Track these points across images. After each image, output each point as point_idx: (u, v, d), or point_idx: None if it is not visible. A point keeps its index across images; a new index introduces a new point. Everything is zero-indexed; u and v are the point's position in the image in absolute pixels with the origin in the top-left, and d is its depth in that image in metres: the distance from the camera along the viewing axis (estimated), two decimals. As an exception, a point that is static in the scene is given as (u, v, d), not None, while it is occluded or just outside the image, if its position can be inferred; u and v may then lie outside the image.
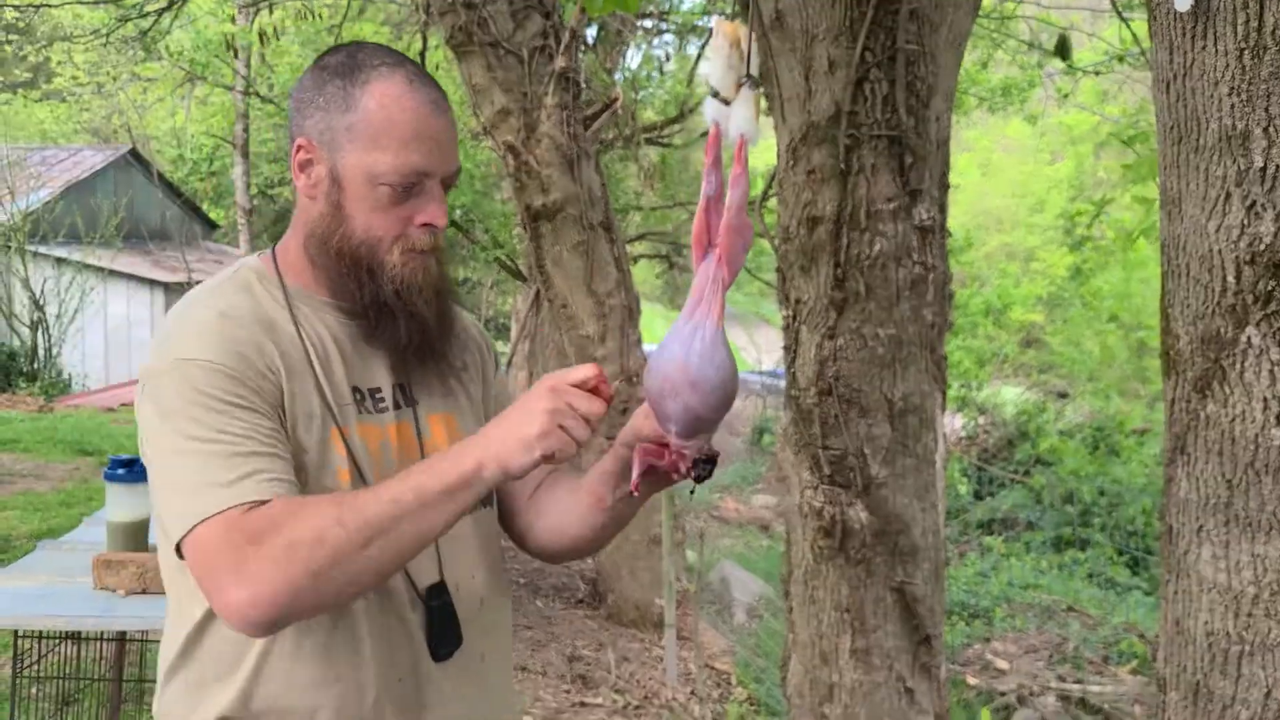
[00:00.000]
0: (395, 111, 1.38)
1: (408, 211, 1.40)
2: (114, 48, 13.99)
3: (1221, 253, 1.36)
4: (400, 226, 1.40)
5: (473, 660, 1.49)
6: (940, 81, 2.45)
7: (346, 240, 1.40)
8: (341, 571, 1.21)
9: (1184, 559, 1.48)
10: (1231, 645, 1.41)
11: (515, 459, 1.26)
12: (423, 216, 1.40)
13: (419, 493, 1.25)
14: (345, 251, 1.41)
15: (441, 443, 1.48)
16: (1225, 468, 1.40)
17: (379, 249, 1.40)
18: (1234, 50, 1.32)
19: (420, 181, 1.39)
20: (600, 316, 5.59)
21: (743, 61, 1.26)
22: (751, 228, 1.30)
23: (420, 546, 1.28)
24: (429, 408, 1.51)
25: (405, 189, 1.38)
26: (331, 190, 1.40)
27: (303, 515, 1.23)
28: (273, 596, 1.19)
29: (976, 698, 4.98)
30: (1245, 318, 1.35)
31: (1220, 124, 1.34)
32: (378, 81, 1.39)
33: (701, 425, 1.30)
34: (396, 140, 1.37)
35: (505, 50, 5.19)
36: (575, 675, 5.06)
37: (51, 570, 3.01)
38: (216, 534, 1.23)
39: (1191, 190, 1.40)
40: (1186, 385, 1.45)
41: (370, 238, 1.39)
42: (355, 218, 1.39)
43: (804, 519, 2.56)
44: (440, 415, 1.52)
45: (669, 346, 1.30)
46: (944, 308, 2.53)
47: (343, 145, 1.39)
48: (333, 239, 1.41)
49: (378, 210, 1.39)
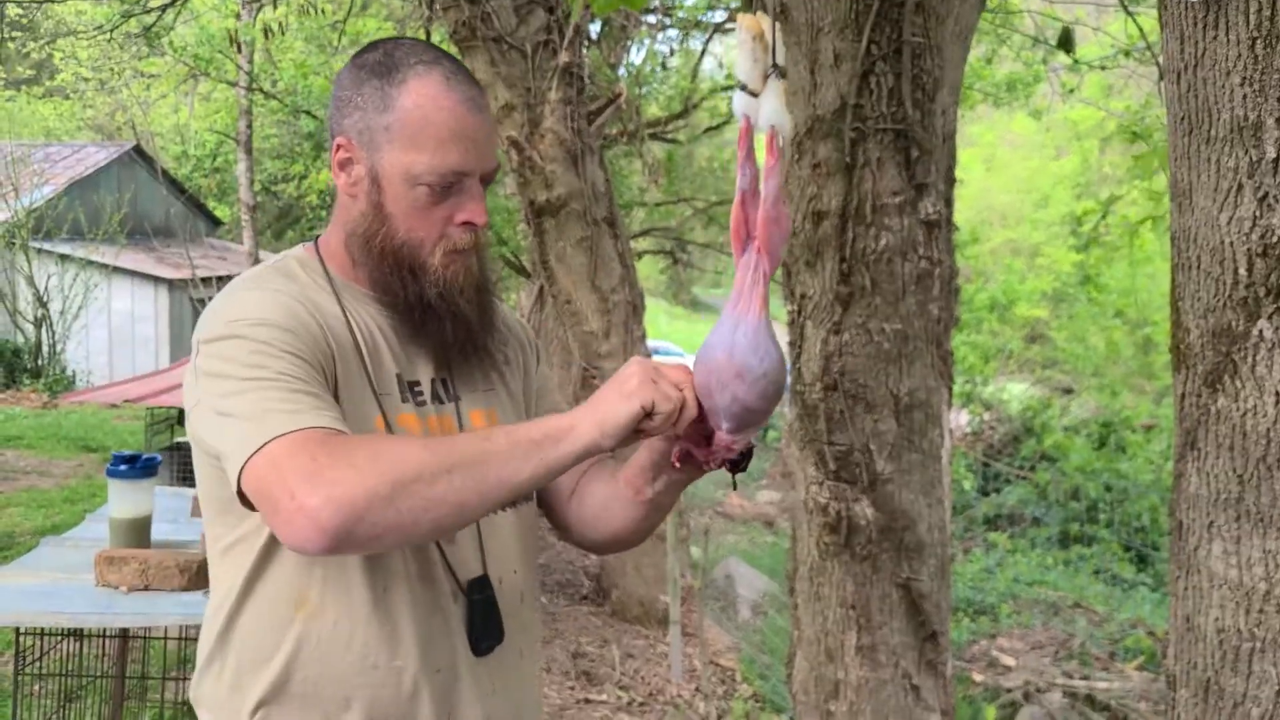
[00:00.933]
0: (432, 111, 1.38)
1: (447, 211, 1.40)
2: (117, 44, 14.00)
3: (1233, 245, 1.35)
4: (440, 227, 1.40)
5: (511, 656, 1.49)
6: (946, 75, 2.43)
7: (389, 240, 1.41)
8: (422, 493, 1.18)
9: (1194, 555, 1.46)
10: (1243, 642, 1.39)
11: (613, 412, 1.24)
12: (463, 215, 1.41)
13: (511, 436, 1.24)
14: (388, 251, 1.41)
15: None
16: (1236, 463, 1.38)
17: (421, 251, 1.40)
18: (1246, 40, 1.30)
19: (459, 180, 1.39)
20: (604, 312, 5.58)
21: (767, 53, 1.26)
22: (789, 218, 1.30)
23: (502, 494, 1.24)
24: (471, 402, 1.51)
25: (444, 189, 1.38)
26: (371, 190, 1.40)
27: (384, 439, 1.25)
28: (351, 501, 1.15)
29: (982, 694, 4.97)
30: (1257, 311, 1.33)
31: (1232, 114, 1.33)
32: (414, 80, 1.39)
33: (751, 417, 1.30)
34: (434, 140, 1.37)
35: (509, 45, 5.18)
36: (580, 672, 5.05)
37: (54, 567, 3.01)
38: (291, 447, 1.19)
39: (1202, 182, 1.38)
40: (1197, 379, 1.43)
41: (412, 239, 1.40)
42: (396, 218, 1.40)
43: (809, 515, 2.54)
44: (482, 410, 1.52)
45: (713, 342, 1.30)
46: (950, 302, 2.52)
47: (381, 145, 1.39)
48: (375, 239, 1.41)
49: (417, 210, 1.39)
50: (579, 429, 1.25)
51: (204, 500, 1.43)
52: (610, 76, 8.36)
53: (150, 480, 3.00)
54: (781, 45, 1.26)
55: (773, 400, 1.29)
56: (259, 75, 11.44)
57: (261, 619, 1.37)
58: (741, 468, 1.35)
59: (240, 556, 1.38)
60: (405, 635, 1.37)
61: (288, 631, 1.36)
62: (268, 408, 1.23)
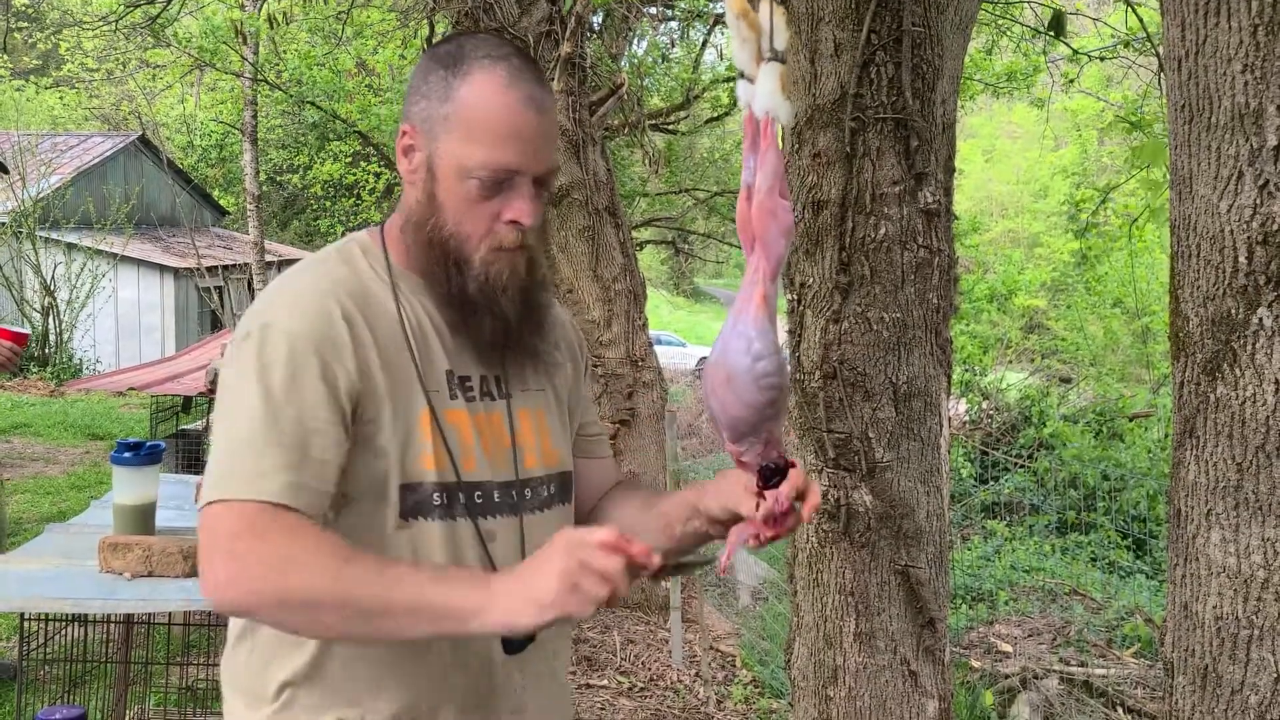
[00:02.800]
0: (489, 106, 1.38)
1: (496, 207, 1.39)
2: (122, 34, 13.97)
3: (1233, 233, 1.35)
4: (488, 223, 1.40)
5: (545, 655, 1.49)
6: (946, 65, 2.44)
7: (438, 230, 1.41)
8: (310, 616, 1.24)
9: (1192, 543, 1.47)
10: (1240, 629, 1.40)
11: (522, 619, 1.22)
12: (510, 213, 1.39)
13: (419, 595, 1.23)
14: (436, 241, 1.41)
15: (529, 437, 1.50)
16: (1235, 450, 1.39)
17: (467, 244, 1.40)
18: (1248, 27, 1.30)
19: (510, 178, 1.38)
20: (606, 301, 5.58)
21: (756, 34, 1.20)
22: (788, 209, 1.22)
23: (387, 640, 1.30)
24: (521, 400, 1.51)
25: (494, 184, 1.38)
26: (427, 178, 1.41)
27: (311, 547, 1.24)
28: (247, 596, 1.24)
29: (980, 680, 4.98)
30: (1257, 299, 1.34)
31: (1233, 102, 1.33)
32: (478, 73, 1.39)
33: (744, 425, 1.23)
34: (489, 134, 1.37)
35: (511, 36, 5.17)
36: (581, 657, 5.06)
37: (58, 553, 3.02)
38: (232, 517, 1.25)
39: (1203, 170, 1.39)
40: (1196, 367, 1.44)
41: (460, 232, 1.40)
42: (446, 209, 1.40)
43: (809, 502, 2.55)
44: (529, 410, 1.52)
45: (714, 346, 1.25)
46: (949, 291, 2.52)
47: (439, 135, 1.39)
48: (426, 227, 1.42)
49: (467, 204, 1.39)
50: (487, 617, 1.22)
51: None
52: (612, 67, 8.35)
53: (154, 467, 3.01)
54: (782, 30, 1.20)
55: (764, 408, 1.21)
56: (264, 66, 11.42)
57: None
58: (774, 484, 1.26)
59: None
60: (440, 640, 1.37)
61: None
62: (238, 457, 1.28)
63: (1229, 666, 1.42)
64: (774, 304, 1.22)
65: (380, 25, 11.16)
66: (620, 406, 5.71)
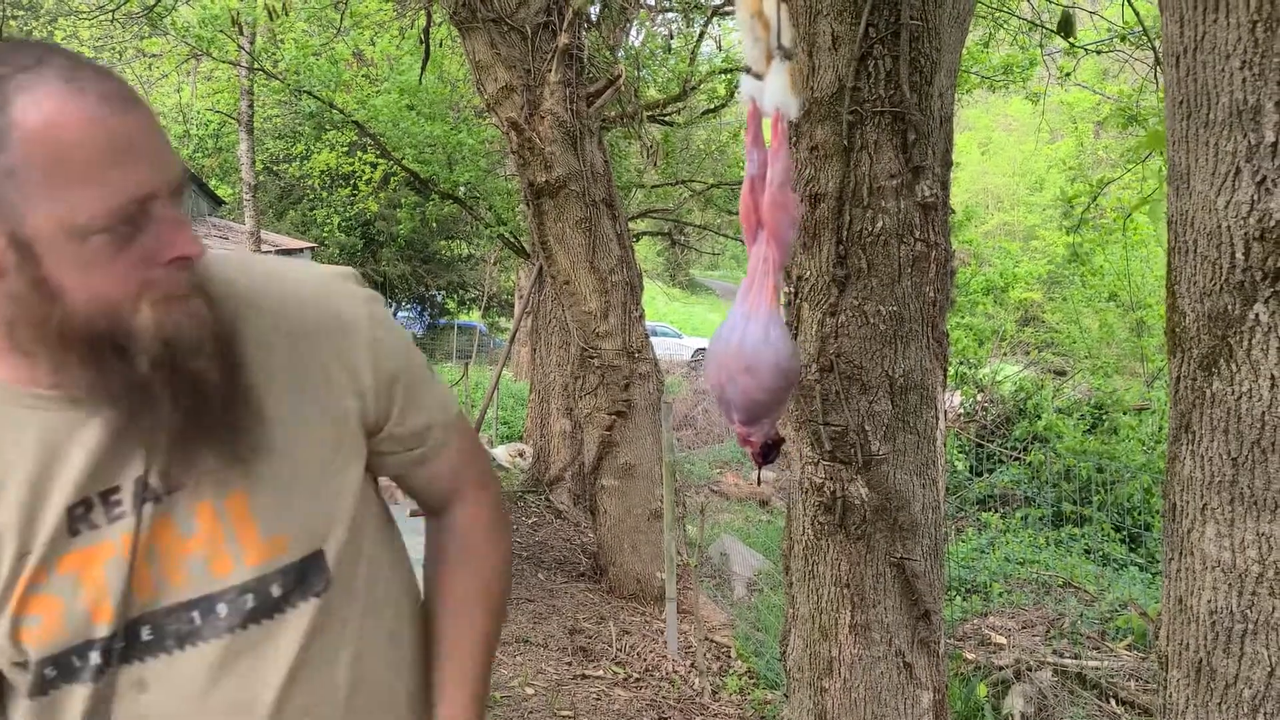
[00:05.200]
0: (67, 132, 0.98)
1: (142, 251, 1.03)
2: (119, 24, 13.93)
3: (1230, 229, 1.35)
4: (140, 273, 1.03)
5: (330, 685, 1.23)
6: (943, 58, 2.44)
7: (70, 320, 1.02)
8: None
9: (1187, 537, 1.47)
10: (1235, 624, 1.41)
11: None
12: (170, 251, 1.04)
13: None
14: (69, 334, 1.03)
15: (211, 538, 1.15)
16: (1231, 445, 1.39)
17: (119, 315, 1.03)
18: (1246, 23, 1.31)
19: (143, 209, 1.02)
20: (603, 293, 5.59)
21: (769, 32, 1.22)
22: (796, 202, 1.26)
23: None
24: (197, 494, 1.14)
25: (128, 225, 1.01)
26: (22, 264, 1.00)
27: None
28: None
29: (974, 672, 5.00)
30: (1254, 295, 1.34)
31: (1231, 98, 1.33)
32: (22, 96, 0.98)
33: (761, 409, 1.27)
34: (84, 166, 0.98)
35: (509, 27, 5.17)
36: (576, 648, 5.08)
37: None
38: None
39: (1200, 165, 1.39)
40: (1192, 363, 1.44)
41: (101, 304, 1.02)
42: (72, 288, 1.01)
43: (804, 494, 2.56)
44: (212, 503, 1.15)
45: (724, 334, 1.27)
46: (946, 285, 2.53)
47: (12, 201, 0.98)
48: (50, 323, 1.03)
49: (99, 268, 1.01)
50: None
51: None
52: (609, 59, 8.34)
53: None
54: (789, 26, 1.22)
55: (783, 392, 1.26)
56: (261, 55, 11.41)
57: None
58: (770, 459, 1.32)
59: None
60: None
61: None
62: None
63: (1223, 660, 1.43)
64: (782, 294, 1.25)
65: (378, 15, 11.14)
66: (617, 398, 5.71)
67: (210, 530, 1.14)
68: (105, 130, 0.99)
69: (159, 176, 1.03)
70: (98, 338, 1.03)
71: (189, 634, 1.14)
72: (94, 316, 1.02)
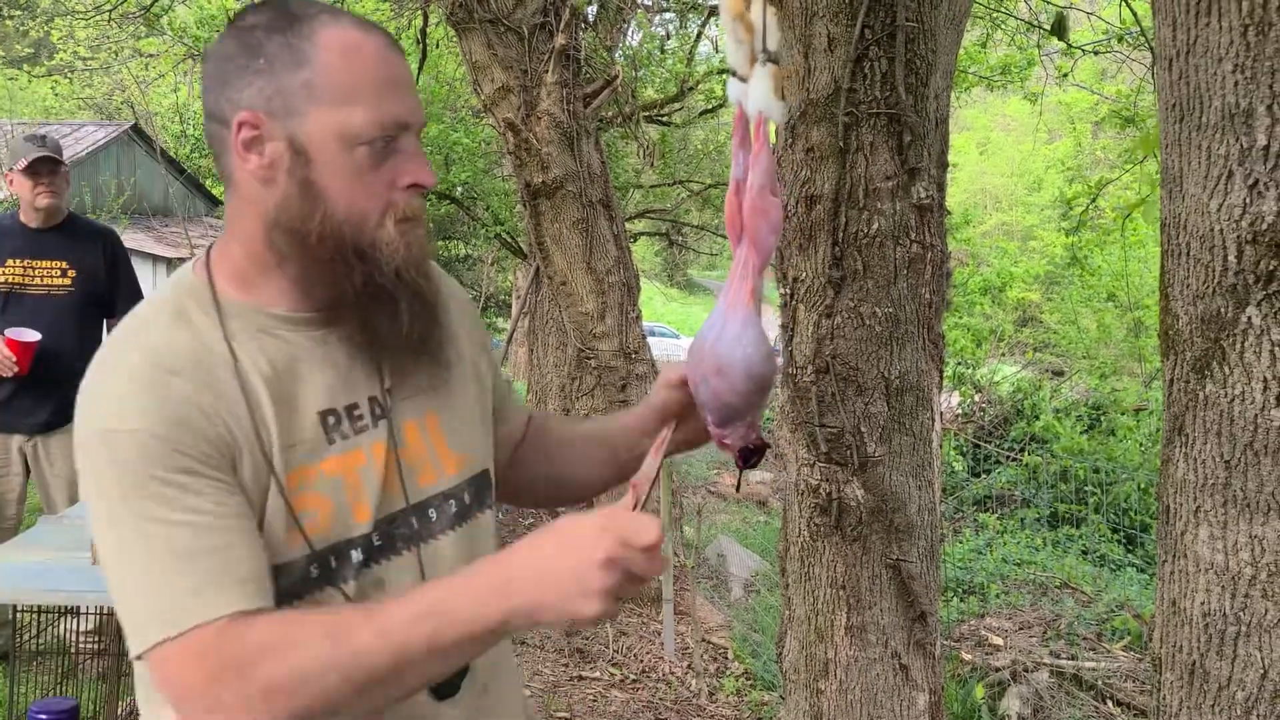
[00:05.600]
0: (358, 58, 1.17)
1: (389, 174, 1.19)
2: (116, 23, 13.91)
3: (1223, 232, 1.36)
4: (385, 193, 1.19)
5: (473, 694, 1.31)
6: (939, 59, 2.44)
7: (328, 221, 1.17)
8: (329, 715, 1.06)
9: (1181, 539, 1.48)
10: (1228, 626, 1.41)
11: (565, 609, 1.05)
12: (408, 177, 1.20)
13: (432, 641, 1.05)
14: (327, 236, 1.17)
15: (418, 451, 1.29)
16: (1224, 448, 1.40)
17: (366, 225, 1.18)
18: (1238, 26, 1.31)
19: (399, 135, 1.19)
20: (600, 293, 5.58)
21: (752, 35, 1.21)
22: (778, 207, 1.24)
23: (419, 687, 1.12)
24: (405, 412, 1.29)
25: (386, 144, 1.18)
26: (295, 165, 1.16)
27: (287, 647, 1.05)
28: None
29: (971, 673, 5.01)
30: (1246, 298, 1.35)
31: (1223, 101, 1.34)
32: (326, 30, 1.17)
33: (732, 412, 1.26)
34: (370, 88, 1.17)
35: (506, 27, 5.16)
36: (573, 649, 5.08)
37: (51, 545, 3.02)
38: (185, 657, 1.06)
39: (1193, 169, 1.39)
40: (1185, 365, 1.45)
41: (354, 213, 1.17)
42: (332, 191, 1.17)
43: (800, 496, 2.56)
44: (416, 420, 1.30)
45: (701, 334, 1.28)
46: (941, 286, 2.53)
47: (300, 108, 1.16)
48: (310, 224, 1.17)
49: (358, 176, 1.17)
50: (512, 625, 1.06)
51: None
52: (606, 59, 8.35)
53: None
54: (776, 29, 1.21)
55: (754, 396, 1.24)
56: (254, 54, 11.39)
57: None
58: (753, 463, 1.30)
59: None
60: None
61: None
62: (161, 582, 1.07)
63: (1216, 663, 1.43)
64: (761, 297, 1.24)
65: (375, 16, 11.14)
66: (614, 399, 5.71)
67: (416, 444, 1.29)
68: (387, 63, 1.19)
69: (414, 114, 1.21)
70: (346, 245, 1.17)
71: (410, 537, 1.26)
72: (346, 223, 1.17)
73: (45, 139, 4.14)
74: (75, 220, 4.30)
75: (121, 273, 4.32)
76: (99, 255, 4.23)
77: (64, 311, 4.10)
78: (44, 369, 3.94)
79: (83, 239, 4.23)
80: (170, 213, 19.36)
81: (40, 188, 4.07)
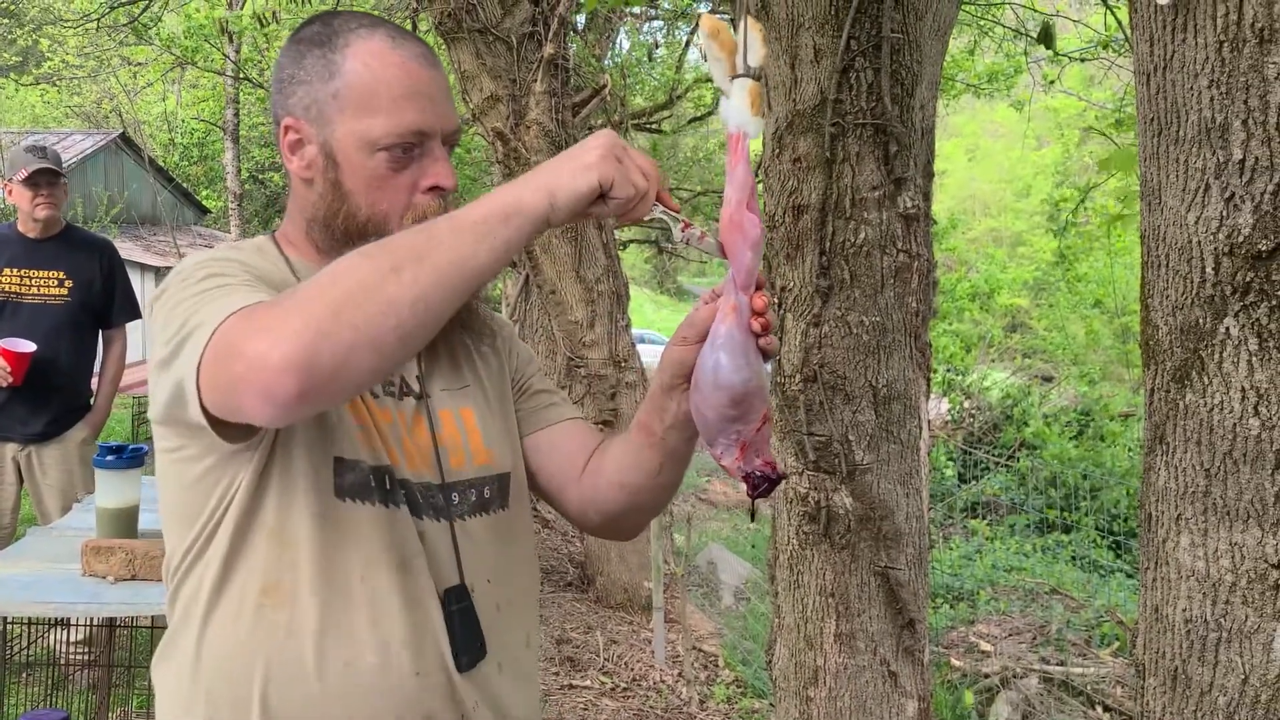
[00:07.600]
0: (380, 69, 1.28)
1: (411, 177, 1.30)
2: (104, 32, 13.90)
3: (1201, 244, 1.38)
4: (406, 196, 1.30)
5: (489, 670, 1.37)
6: (925, 70, 2.46)
7: (351, 219, 1.30)
8: (374, 299, 1.04)
9: (1163, 547, 1.49)
10: (1209, 632, 1.43)
11: (567, 183, 1.12)
12: (428, 180, 1.30)
13: (452, 221, 1.10)
14: (352, 232, 1.30)
15: (454, 437, 1.39)
16: (1204, 457, 1.42)
17: (387, 225, 1.29)
18: (1214, 43, 1.33)
19: (420, 142, 1.30)
20: (589, 302, 5.59)
21: (728, 54, 1.21)
22: (757, 223, 1.22)
23: (461, 280, 1.09)
24: (440, 401, 1.40)
25: (405, 152, 1.29)
26: (327, 168, 1.30)
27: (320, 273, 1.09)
28: (303, 329, 1.02)
29: (960, 680, 5.02)
30: (1224, 309, 1.37)
31: (1200, 116, 1.36)
32: (358, 42, 1.30)
33: (711, 428, 1.24)
34: (387, 99, 1.28)
35: (494, 37, 5.17)
36: (564, 658, 5.08)
37: (40, 557, 3.01)
38: (229, 324, 1.09)
39: (1171, 182, 1.41)
40: (1166, 375, 1.47)
41: (376, 214, 1.30)
42: (356, 193, 1.29)
43: (789, 504, 2.58)
44: (451, 410, 1.41)
45: None
46: (928, 295, 2.55)
47: (331, 116, 1.29)
48: (336, 220, 1.31)
49: (379, 180, 1.29)
50: (525, 201, 1.11)
51: (165, 511, 1.33)
52: (595, 68, 8.37)
53: (137, 470, 3.00)
54: (758, 46, 1.21)
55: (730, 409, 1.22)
56: (246, 64, 11.40)
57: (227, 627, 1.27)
58: (763, 492, 1.26)
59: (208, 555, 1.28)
60: (385, 628, 1.27)
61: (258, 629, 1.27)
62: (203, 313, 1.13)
63: (1198, 668, 1.45)
64: (744, 312, 1.21)
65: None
66: (604, 407, 5.72)
67: (451, 432, 1.39)
68: (408, 76, 1.29)
69: (438, 122, 1.31)
70: (367, 239, 1.23)
71: (439, 509, 1.35)
72: (369, 222, 1.30)
73: (45, 150, 4.15)
74: (72, 231, 4.32)
75: (118, 284, 4.33)
76: (95, 266, 4.25)
77: (60, 321, 4.11)
78: (39, 379, 3.95)
79: (80, 250, 4.24)
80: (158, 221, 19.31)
81: (39, 199, 4.09)
